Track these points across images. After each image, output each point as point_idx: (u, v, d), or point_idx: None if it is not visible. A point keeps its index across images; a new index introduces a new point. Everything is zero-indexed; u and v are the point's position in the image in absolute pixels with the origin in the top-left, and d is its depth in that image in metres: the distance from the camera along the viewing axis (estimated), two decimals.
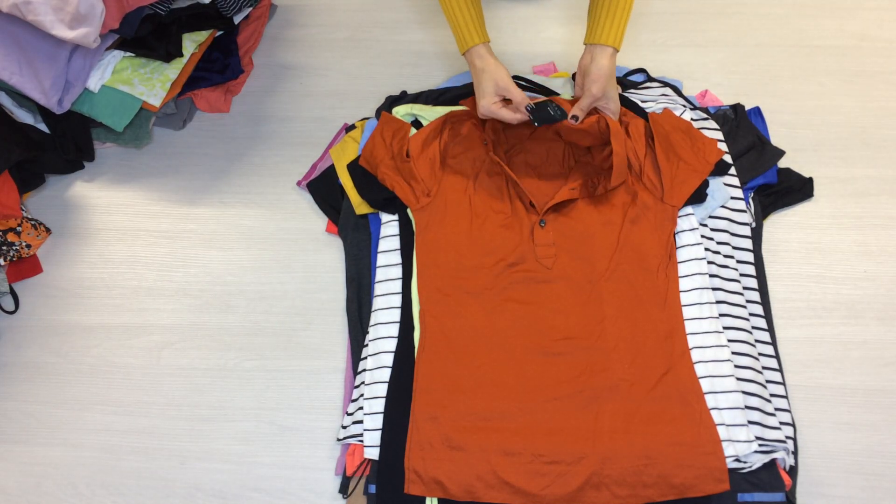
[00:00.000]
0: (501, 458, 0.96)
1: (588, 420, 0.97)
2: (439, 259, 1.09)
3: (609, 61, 1.05)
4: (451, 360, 1.03)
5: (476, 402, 1.00)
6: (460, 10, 1.06)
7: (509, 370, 1.01)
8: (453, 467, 0.96)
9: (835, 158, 1.26)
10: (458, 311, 1.06)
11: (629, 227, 1.08)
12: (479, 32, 1.08)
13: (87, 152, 1.36)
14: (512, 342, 1.03)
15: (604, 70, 1.05)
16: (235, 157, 1.37)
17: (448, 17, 1.07)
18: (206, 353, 1.18)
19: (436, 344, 1.04)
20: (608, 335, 1.02)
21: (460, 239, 1.10)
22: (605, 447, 0.95)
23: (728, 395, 0.98)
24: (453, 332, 1.05)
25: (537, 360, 1.02)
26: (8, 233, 1.24)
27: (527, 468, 0.95)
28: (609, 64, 1.05)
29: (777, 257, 1.17)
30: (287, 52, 1.49)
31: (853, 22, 1.42)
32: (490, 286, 1.07)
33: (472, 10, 1.07)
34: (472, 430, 0.98)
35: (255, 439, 1.10)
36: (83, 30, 1.13)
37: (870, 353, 1.09)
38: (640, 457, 0.94)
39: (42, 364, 1.20)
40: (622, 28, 1.04)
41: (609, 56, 1.05)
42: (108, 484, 1.09)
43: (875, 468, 1.01)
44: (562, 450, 0.96)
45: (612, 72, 1.06)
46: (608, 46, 1.04)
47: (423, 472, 0.96)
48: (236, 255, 1.26)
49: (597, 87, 1.06)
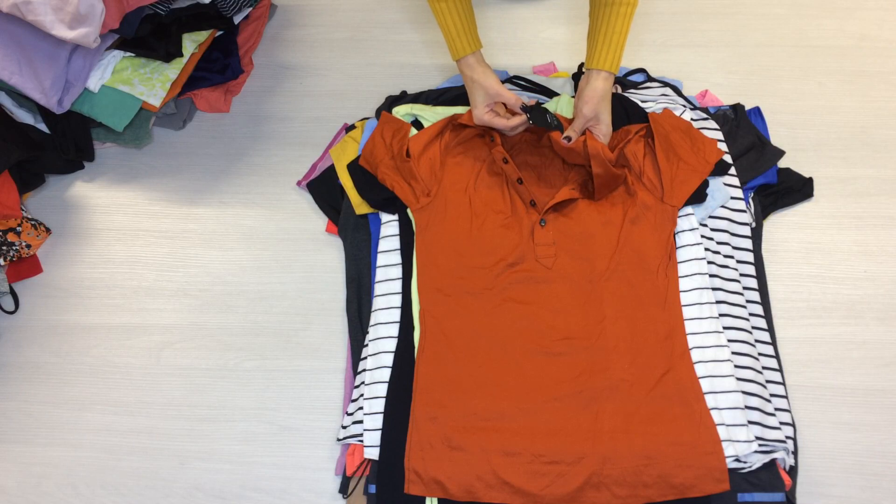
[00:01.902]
0: (501, 458, 0.96)
1: (588, 420, 0.97)
2: (439, 259, 1.09)
3: (603, 84, 1.06)
4: (451, 361, 1.03)
5: (476, 402, 1.00)
6: (452, 19, 1.07)
7: (509, 370, 1.01)
8: (453, 467, 0.96)
9: (835, 158, 1.26)
10: (458, 312, 1.06)
11: (629, 227, 1.08)
12: (469, 42, 1.08)
13: (87, 152, 1.36)
14: (512, 342, 1.03)
15: (597, 92, 1.06)
16: (235, 157, 1.37)
17: (440, 25, 1.08)
18: (206, 353, 1.18)
19: (436, 344, 1.04)
20: (608, 335, 1.02)
21: (460, 239, 1.10)
22: (604, 447, 0.95)
23: (728, 395, 0.98)
24: (453, 332, 1.05)
25: (537, 361, 1.02)
26: (8, 233, 1.24)
27: (527, 468, 0.95)
28: (603, 87, 1.06)
29: (777, 257, 1.17)
30: (287, 52, 1.49)
31: (853, 22, 1.42)
32: (490, 286, 1.07)
33: (464, 18, 1.08)
34: (471, 431, 0.98)
35: (255, 439, 1.10)
36: (83, 30, 1.13)
37: (870, 353, 1.09)
38: (640, 457, 0.94)
39: (42, 364, 1.20)
40: (619, 53, 1.05)
41: (603, 79, 1.06)
42: (108, 484, 1.09)
43: (875, 468, 1.01)
44: (562, 450, 0.96)
45: (607, 94, 1.08)
46: (603, 70, 1.06)
47: (423, 472, 0.96)
48: (236, 255, 1.26)
49: (588, 108, 1.07)
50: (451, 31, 1.08)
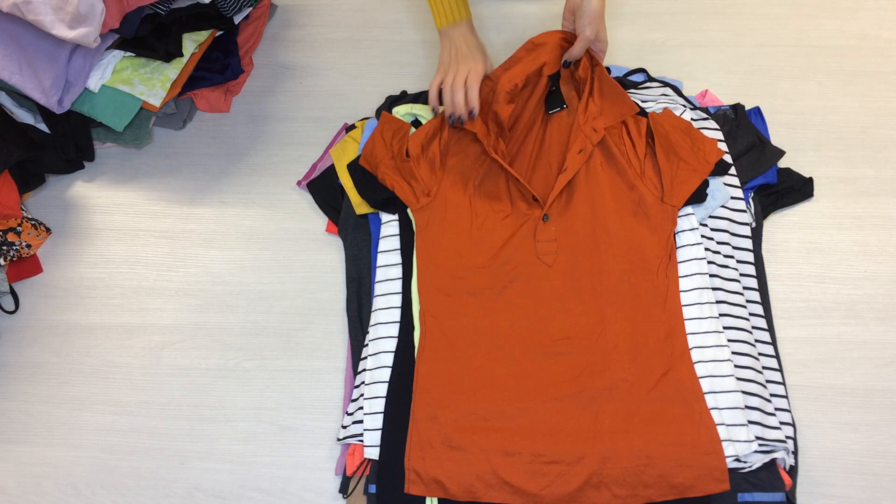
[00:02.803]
0: (501, 458, 0.96)
1: (588, 420, 0.97)
2: (440, 259, 1.09)
3: (599, 2, 1.05)
4: (452, 360, 1.03)
5: (476, 402, 1.00)
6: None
7: (509, 370, 1.01)
8: (453, 467, 0.96)
9: (835, 158, 1.26)
10: (458, 311, 1.06)
11: (630, 227, 1.08)
12: (464, 6, 1.07)
13: (87, 152, 1.36)
14: (511, 342, 1.03)
15: (596, 10, 1.05)
16: (235, 157, 1.37)
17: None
18: (206, 353, 1.18)
19: (435, 344, 1.04)
20: (608, 335, 1.02)
21: (461, 238, 1.10)
22: (604, 447, 0.95)
23: (728, 395, 0.98)
24: (453, 332, 1.05)
25: (537, 360, 1.02)
26: (8, 233, 1.24)
27: (527, 468, 0.95)
28: (599, 4, 1.05)
29: (777, 257, 1.17)
30: (287, 52, 1.49)
31: (853, 22, 1.42)
32: (490, 286, 1.07)
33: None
34: (472, 430, 0.98)
35: (255, 439, 1.10)
36: (83, 30, 1.13)
37: (870, 353, 1.09)
38: (640, 457, 0.94)
39: (42, 364, 1.20)
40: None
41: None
42: (108, 484, 1.09)
43: (875, 468, 1.01)
44: (561, 450, 0.96)
45: (603, 12, 1.07)
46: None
47: (423, 471, 0.96)
48: (236, 255, 1.26)
49: (590, 29, 1.06)
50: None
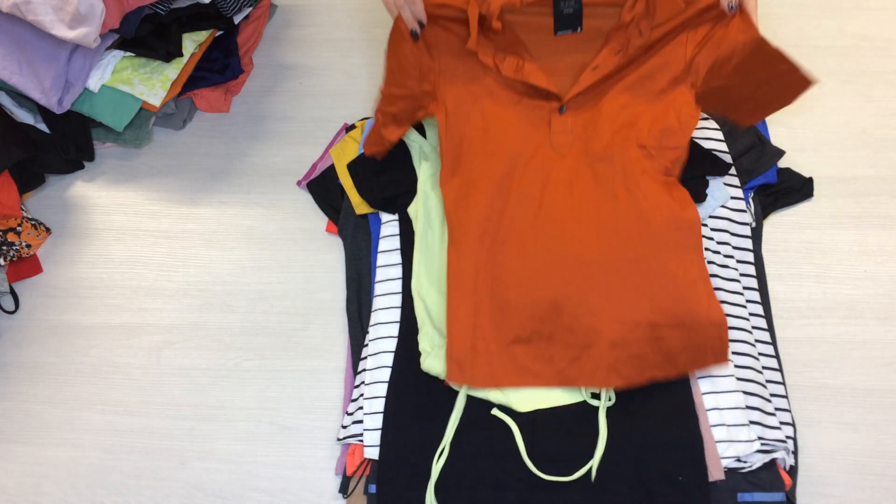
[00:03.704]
0: (519, 347, 0.98)
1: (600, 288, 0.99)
2: (460, 151, 1.07)
3: None
4: (476, 251, 1.03)
5: (500, 292, 1.00)
6: None
7: (526, 257, 1.01)
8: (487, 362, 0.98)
9: (835, 158, 1.26)
10: (478, 200, 1.04)
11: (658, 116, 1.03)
12: None
13: (87, 152, 1.36)
14: (525, 231, 1.02)
15: None
16: (235, 157, 1.37)
17: None
18: (206, 353, 1.18)
19: (459, 234, 1.04)
20: (619, 215, 1.01)
21: (475, 134, 1.06)
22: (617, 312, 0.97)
23: (728, 395, 0.98)
24: (472, 223, 1.03)
25: (550, 245, 1.01)
26: (8, 233, 1.24)
27: (544, 353, 0.98)
28: None
29: (777, 257, 1.17)
30: (287, 52, 1.49)
31: (853, 22, 1.42)
32: (505, 174, 1.04)
33: None
34: (500, 321, 0.99)
35: (255, 439, 1.10)
36: (83, 30, 1.13)
37: (870, 353, 1.09)
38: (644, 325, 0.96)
39: (42, 364, 1.20)
40: None
41: None
42: (108, 484, 1.09)
43: (875, 468, 1.01)
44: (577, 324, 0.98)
45: None
46: None
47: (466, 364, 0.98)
48: (236, 255, 1.26)
49: None
50: None
